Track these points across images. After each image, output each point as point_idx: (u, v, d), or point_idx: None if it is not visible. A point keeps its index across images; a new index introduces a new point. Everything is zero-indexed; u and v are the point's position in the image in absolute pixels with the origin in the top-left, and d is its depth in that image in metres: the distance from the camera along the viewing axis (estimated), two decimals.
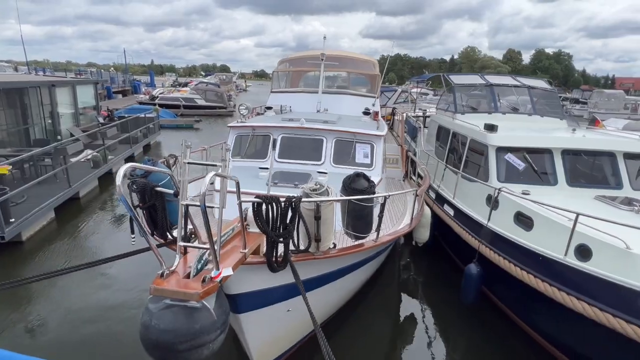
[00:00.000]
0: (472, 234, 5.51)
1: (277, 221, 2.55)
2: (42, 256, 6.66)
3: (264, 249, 2.87)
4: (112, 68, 56.55)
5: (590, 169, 6.11)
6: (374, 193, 3.21)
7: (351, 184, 3.19)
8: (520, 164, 6.10)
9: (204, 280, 2.20)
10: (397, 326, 5.56)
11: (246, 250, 2.57)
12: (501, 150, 6.21)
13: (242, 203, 2.48)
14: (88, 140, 10.80)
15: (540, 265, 4.22)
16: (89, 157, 9.96)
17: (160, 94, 28.22)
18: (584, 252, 4.05)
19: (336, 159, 5.83)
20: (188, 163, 2.48)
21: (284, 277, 3.00)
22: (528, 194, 5.24)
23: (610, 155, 5.96)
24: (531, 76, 14.52)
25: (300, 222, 2.72)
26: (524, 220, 5.12)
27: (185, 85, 34.52)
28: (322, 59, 7.73)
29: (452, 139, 8.36)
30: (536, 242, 4.58)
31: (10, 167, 6.75)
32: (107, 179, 11.02)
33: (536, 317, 4.69)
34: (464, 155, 7.43)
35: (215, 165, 2.59)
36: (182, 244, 2.46)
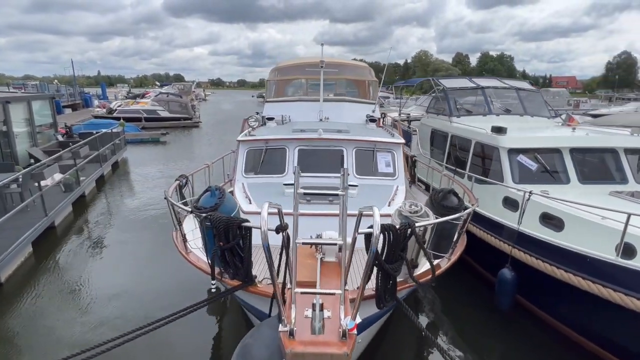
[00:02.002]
0: (502, 238, 5.49)
1: (390, 251, 2.25)
2: (25, 299, 5.80)
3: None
4: (55, 80, 52.36)
5: (596, 166, 6.36)
6: (464, 209, 3.03)
7: (442, 202, 2.98)
8: (532, 165, 6.22)
9: (344, 335, 1.86)
10: (425, 336, 5.35)
11: (347, 288, 2.26)
12: (513, 152, 6.30)
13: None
14: (52, 162, 9.68)
15: (588, 267, 4.24)
16: (61, 180, 8.95)
17: (118, 106, 26.46)
18: (626, 250, 4.12)
19: (358, 170, 5.60)
20: (307, 193, 2.13)
21: (366, 311, 2.71)
22: (547, 194, 5.32)
23: (613, 151, 6.24)
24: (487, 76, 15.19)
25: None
26: (551, 221, 5.19)
27: (144, 96, 32.72)
28: (322, 66, 7.49)
29: (450, 142, 8.44)
30: (569, 242, 4.63)
31: None
32: (81, 203, 10.00)
33: (583, 319, 4.70)
34: (469, 158, 7.50)
35: (337, 195, 2.25)
36: (300, 290, 2.09)
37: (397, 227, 2.25)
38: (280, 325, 1.93)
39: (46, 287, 6.17)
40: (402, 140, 5.94)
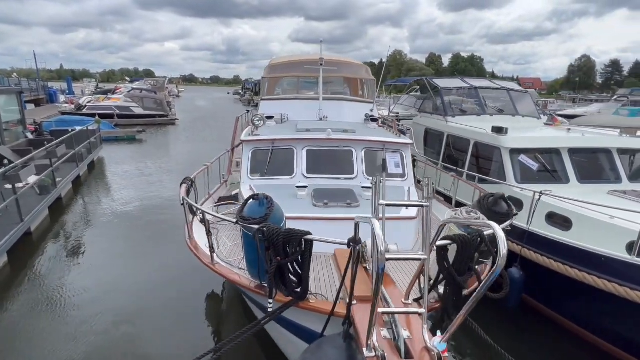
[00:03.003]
0: (510, 238, 5.51)
1: (461, 263, 2.12)
2: (1, 312, 5.29)
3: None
4: (14, 74, 48.95)
5: (592, 166, 6.54)
6: (514, 215, 2.94)
7: (493, 207, 2.88)
8: (534, 165, 6.32)
9: (439, 359, 1.70)
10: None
11: (409, 301, 2.09)
12: (514, 152, 6.38)
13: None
14: (28, 162, 8.92)
15: (603, 266, 4.30)
16: (37, 182, 8.27)
17: (88, 102, 25.06)
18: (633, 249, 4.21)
19: (368, 171, 5.47)
20: (389, 205, 1.94)
21: None
22: (550, 193, 5.40)
23: (607, 151, 6.44)
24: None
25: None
26: (558, 220, 5.26)
27: (114, 92, 31.18)
28: (322, 64, 7.31)
29: (447, 142, 8.48)
30: (578, 241, 4.71)
31: None
32: (58, 206, 9.31)
33: (596, 318, 4.78)
34: (467, 157, 7.55)
35: (422, 206, 2.06)
36: (382, 310, 1.90)
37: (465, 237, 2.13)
38: (366, 350, 1.75)
39: (23, 299, 5.66)
40: (410, 141, 5.86)
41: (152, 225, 8.69)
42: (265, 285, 2.50)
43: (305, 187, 4.72)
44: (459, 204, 6.43)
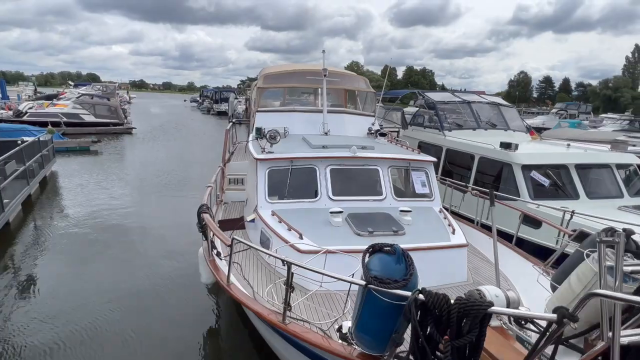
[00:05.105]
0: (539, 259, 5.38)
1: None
2: None
3: None
4: None
5: (595, 181, 6.69)
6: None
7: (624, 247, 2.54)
8: (545, 181, 6.33)
9: None
10: None
11: None
12: (526, 168, 6.35)
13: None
14: None
15: None
16: None
17: (29, 108, 22.43)
18: None
19: (396, 191, 5.09)
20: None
21: None
22: (568, 209, 5.37)
23: (607, 167, 6.63)
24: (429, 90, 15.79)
25: None
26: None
27: (59, 97, 28.30)
28: (325, 75, 6.88)
29: (445, 157, 8.39)
30: None
31: None
32: (5, 234, 7.87)
33: None
34: (472, 173, 7.46)
35: None
36: None
37: None
38: None
39: None
40: (434, 159, 5.57)
41: (120, 249, 7.62)
42: (384, 355, 1.97)
43: (341, 212, 4.23)
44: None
